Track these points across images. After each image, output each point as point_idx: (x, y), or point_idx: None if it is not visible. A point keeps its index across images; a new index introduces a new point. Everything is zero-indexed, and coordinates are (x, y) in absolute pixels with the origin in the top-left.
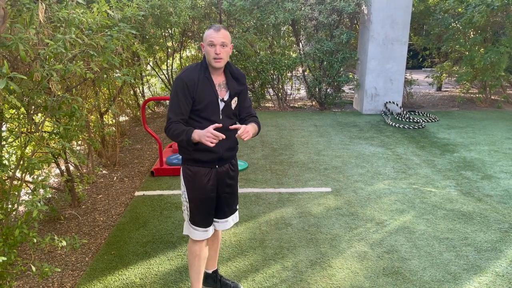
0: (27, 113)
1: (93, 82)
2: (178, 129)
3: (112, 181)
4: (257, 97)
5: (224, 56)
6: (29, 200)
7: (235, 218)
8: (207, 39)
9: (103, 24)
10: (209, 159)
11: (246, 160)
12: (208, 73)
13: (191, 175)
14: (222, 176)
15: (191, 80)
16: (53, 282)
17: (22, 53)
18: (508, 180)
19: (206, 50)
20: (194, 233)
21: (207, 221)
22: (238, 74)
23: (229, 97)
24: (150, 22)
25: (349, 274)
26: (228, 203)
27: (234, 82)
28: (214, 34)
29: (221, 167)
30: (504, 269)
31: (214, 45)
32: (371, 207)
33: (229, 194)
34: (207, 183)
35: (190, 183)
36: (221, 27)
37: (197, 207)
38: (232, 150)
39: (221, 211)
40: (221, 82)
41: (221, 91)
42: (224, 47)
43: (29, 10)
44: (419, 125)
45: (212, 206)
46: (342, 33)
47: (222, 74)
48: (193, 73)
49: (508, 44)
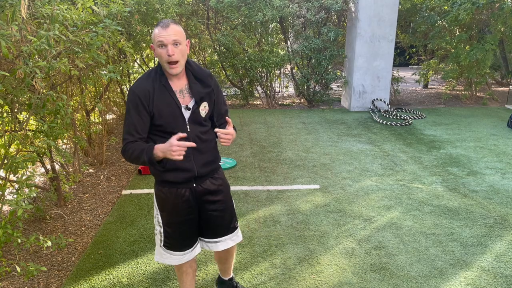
0: (11, 111)
1: (78, 80)
2: (136, 149)
3: (98, 180)
4: (246, 94)
5: (179, 57)
6: (13, 200)
7: (236, 238)
8: (155, 39)
9: (88, 21)
10: (183, 179)
11: (235, 158)
12: (164, 80)
13: (164, 197)
14: (201, 194)
15: (144, 92)
16: (39, 282)
17: (4, 50)
18: (493, 176)
19: (157, 53)
20: (169, 258)
21: (185, 244)
22: (201, 75)
23: (195, 103)
24: (137, 18)
25: (337, 271)
26: (218, 222)
27: (197, 85)
28: (162, 32)
29: (199, 185)
30: (489, 263)
31: (164, 46)
32: (359, 203)
33: (218, 211)
34: (182, 205)
35: (163, 207)
36: (170, 22)
37: (172, 231)
38: (209, 164)
39: (210, 230)
40: (183, 87)
41: (184, 97)
42: (178, 45)
43: (12, 6)
44: (406, 122)
45: (191, 229)
46: (330, 30)
47: (184, 76)
48: (146, 82)
49: (493, 41)
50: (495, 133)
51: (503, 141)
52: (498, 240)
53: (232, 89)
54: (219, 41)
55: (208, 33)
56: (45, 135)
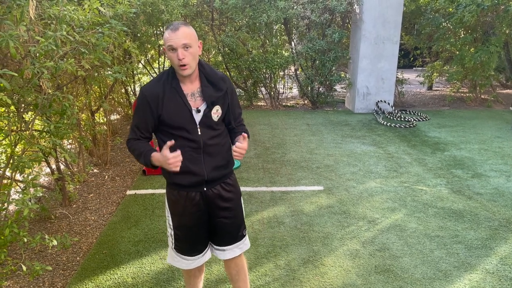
0: (17, 111)
1: (84, 80)
2: (137, 149)
3: (103, 180)
4: (250, 95)
5: (190, 60)
6: (19, 199)
7: (244, 246)
8: (166, 42)
9: (94, 22)
10: (192, 183)
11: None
12: (176, 83)
13: (174, 200)
14: (212, 199)
15: (154, 96)
16: (44, 281)
17: (12, 50)
18: (497, 179)
19: (168, 56)
20: (180, 261)
21: (195, 250)
22: (214, 78)
23: (207, 106)
24: (142, 19)
25: (341, 272)
26: (227, 229)
27: (209, 88)
28: (172, 36)
29: (210, 190)
30: (494, 266)
31: (174, 49)
32: (363, 205)
33: (227, 218)
34: (192, 208)
35: (174, 209)
36: (180, 25)
37: (183, 234)
38: (221, 169)
39: (218, 237)
40: (194, 90)
41: (195, 101)
42: (188, 48)
43: (20, 7)
44: (410, 124)
45: (201, 234)
46: (334, 32)
47: (197, 79)
48: (157, 86)
49: (497, 43)
50: (500, 135)
51: (508, 143)
52: (503, 242)
53: (236, 90)
54: (224, 42)
55: (213, 34)
56: (51, 135)
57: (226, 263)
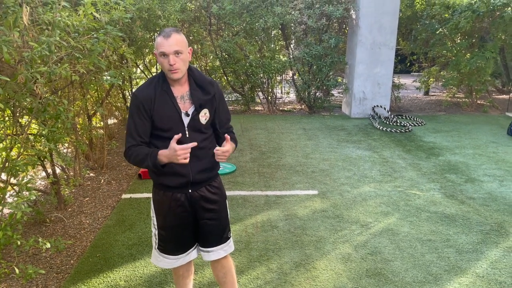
0: (13, 115)
1: (80, 85)
2: (140, 153)
3: (99, 184)
4: (247, 100)
5: (181, 65)
6: (13, 202)
7: (228, 248)
8: (157, 48)
9: (90, 27)
10: (178, 184)
11: (234, 163)
12: (166, 86)
13: (160, 201)
14: (197, 201)
15: (147, 98)
16: (37, 284)
17: (6, 56)
18: (491, 183)
19: (160, 61)
20: (162, 261)
21: (178, 249)
22: (202, 82)
23: (195, 110)
24: (138, 25)
25: (333, 276)
26: (211, 231)
27: (198, 91)
28: (164, 42)
29: (195, 192)
30: (484, 270)
31: (166, 55)
32: (357, 209)
33: (211, 220)
34: (177, 209)
35: (159, 210)
36: (172, 32)
37: (167, 234)
38: (206, 172)
39: (203, 238)
40: (184, 93)
41: (184, 103)
42: (179, 55)
43: (14, 13)
44: (406, 129)
45: (185, 234)
46: (331, 37)
47: (186, 83)
48: (149, 89)
49: (493, 49)
50: (495, 140)
51: (503, 148)
52: (494, 247)
53: (234, 94)
54: (221, 47)
55: (210, 39)
56: (46, 139)
57: (213, 265)
